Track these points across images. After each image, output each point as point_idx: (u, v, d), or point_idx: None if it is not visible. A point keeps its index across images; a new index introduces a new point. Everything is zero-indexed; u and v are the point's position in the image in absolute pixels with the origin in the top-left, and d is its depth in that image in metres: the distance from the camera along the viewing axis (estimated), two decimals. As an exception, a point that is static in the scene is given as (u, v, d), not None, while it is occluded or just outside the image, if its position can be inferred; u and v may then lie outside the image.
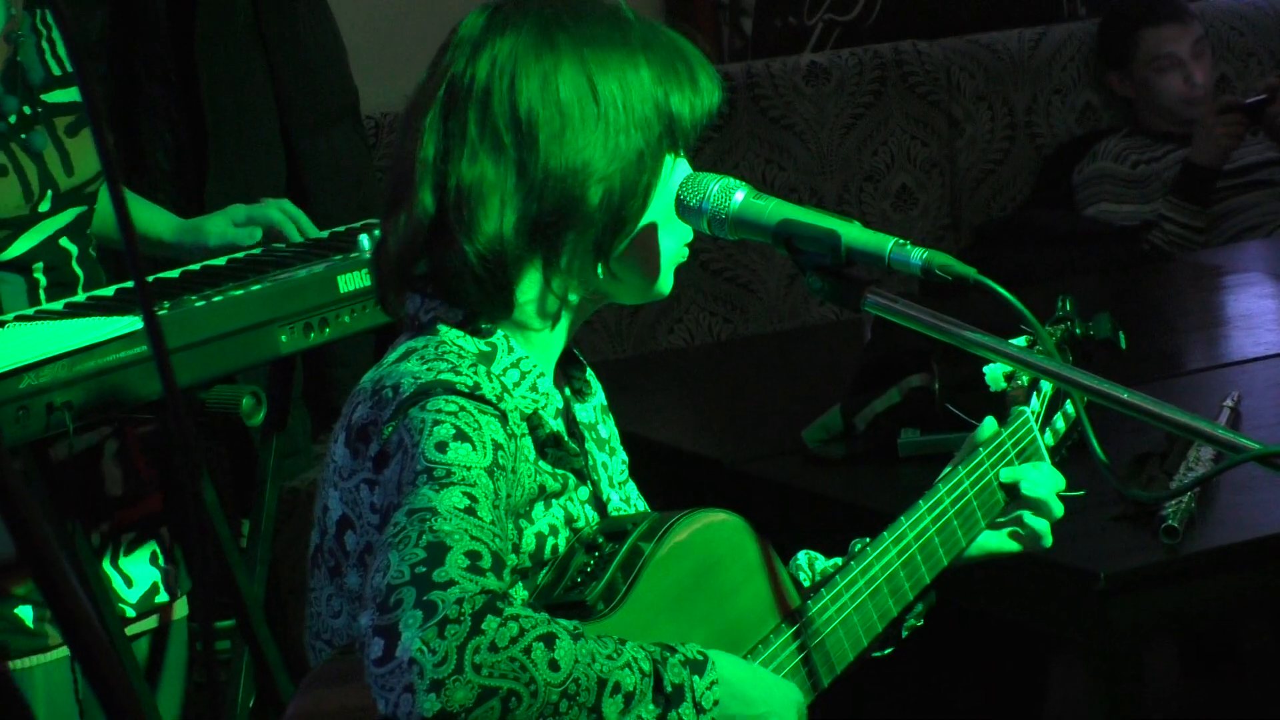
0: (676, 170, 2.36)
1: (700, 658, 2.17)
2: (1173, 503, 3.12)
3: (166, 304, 2.84)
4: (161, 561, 3.23)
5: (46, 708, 3.06)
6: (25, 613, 3.01)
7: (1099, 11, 5.84)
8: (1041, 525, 2.57)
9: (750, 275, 5.27)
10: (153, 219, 3.25)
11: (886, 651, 2.53)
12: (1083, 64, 5.73)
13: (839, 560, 2.53)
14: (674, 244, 2.39)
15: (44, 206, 3.03)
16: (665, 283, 2.40)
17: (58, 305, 2.90)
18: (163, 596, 3.22)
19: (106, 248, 3.29)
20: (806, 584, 2.54)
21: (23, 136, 3.02)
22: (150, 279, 3.04)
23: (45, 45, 3.10)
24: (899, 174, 5.57)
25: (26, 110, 3.03)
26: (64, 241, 3.07)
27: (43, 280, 3.01)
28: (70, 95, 3.10)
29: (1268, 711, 4.43)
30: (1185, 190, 5.30)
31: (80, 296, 2.93)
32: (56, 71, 3.10)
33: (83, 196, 3.10)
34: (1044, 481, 2.56)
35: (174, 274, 3.10)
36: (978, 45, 5.70)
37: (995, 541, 2.58)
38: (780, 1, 5.61)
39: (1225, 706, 4.44)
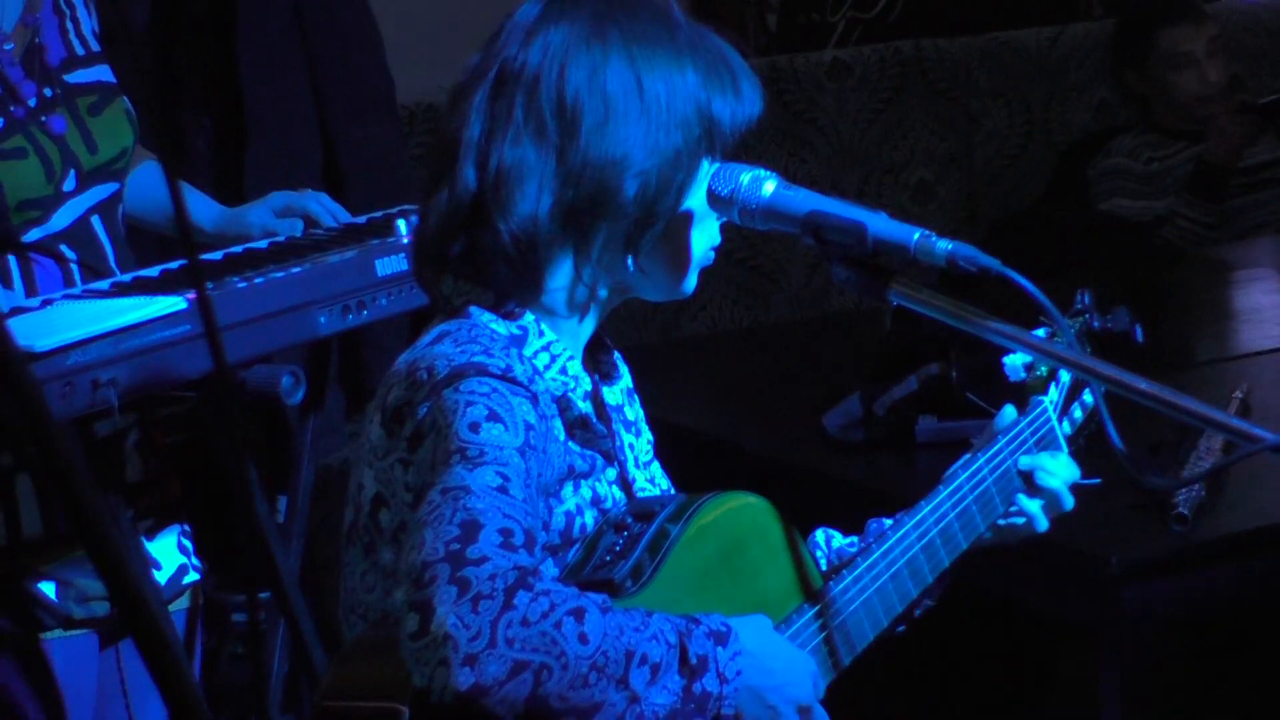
0: (709, 171, 2.36)
1: (724, 629, 2.18)
2: (1184, 491, 3.12)
3: (209, 285, 2.84)
4: (187, 544, 3.23)
5: (65, 682, 3.07)
6: (49, 589, 3.01)
7: (1115, 11, 5.84)
8: (1039, 515, 2.58)
9: (773, 264, 5.28)
10: (195, 207, 3.26)
11: (899, 630, 2.53)
12: (1099, 62, 5.73)
13: (855, 539, 2.53)
14: (702, 245, 2.39)
15: (68, 186, 3.02)
16: (690, 282, 2.40)
17: (104, 285, 2.90)
18: (191, 576, 3.22)
19: (138, 228, 3.29)
20: (823, 561, 2.54)
21: (43, 119, 3.02)
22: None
23: (69, 25, 3.10)
24: (918, 168, 5.58)
25: (47, 93, 3.03)
26: (95, 221, 3.07)
27: (75, 264, 3.01)
28: (92, 75, 3.10)
29: (1258, 685, 4.42)
30: (1198, 187, 5.29)
31: (126, 277, 2.93)
32: (80, 52, 3.09)
33: (110, 174, 3.09)
34: (1060, 471, 2.57)
35: (217, 256, 3.11)
36: (996, 43, 5.71)
37: (1010, 527, 2.58)
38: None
39: (1235, 694, 4.43)
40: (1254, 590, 3.28)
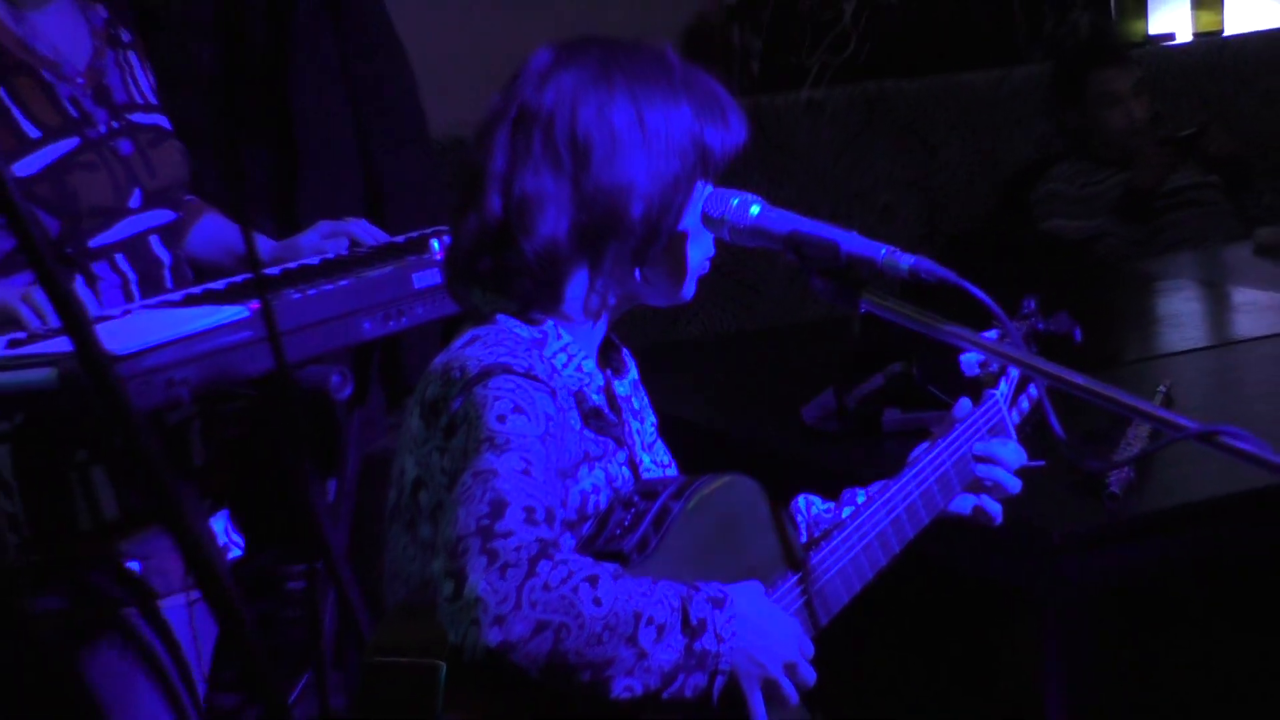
0: (703, 194, 2.36)
1: (721, 595, 2.18)
2: (1116, 473, 3.13)
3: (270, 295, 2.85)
4: (231, 526, 3.23)
5: (160, 645, 3.07)
6: (134, 564, 3.02)
7: (1053, 56, 5.83)
8: (994, 506, 2.59)
9: (756, 277, 5.28)
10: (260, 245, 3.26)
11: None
12: (1039, 100, 5.73)
13: (831, 505, 2.55)
14: (699, 257, 2.39)
15: (134, 203, 3.03)
16: (689, 289, 2.41)
17: (177, 296, 2.91)
18: (234, 554, 3.22)
19: (209, 269, 3.29)
20: (801, 524, 2.55)
21: (112, 143, 3.02)
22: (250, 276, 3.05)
23: (129, 79, 3.10)
24: (882, 192, 5.57)
25: (114, 124, 3.04)
26: (154, 240, 3.07)
27: (134, 281, 3.00)
28: (151, 119, 3.12)
29: (1201, 660, 4.42)
30: (1126, 209, 5.30)
31: (196, 289, 2.93)
32: (139, 100, 3.10)
33: (168, 200, 3.10)
34: (1009, 458, 2.57)
35: (275, 271, 3.11)
36: (950, 83, 5.70)
37: (965, 507, 2.59)
38: (782, 45, 5.62)
39: (1162, 651, 4.43)
40: (1178, 559, 3.29)
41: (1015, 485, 2.58)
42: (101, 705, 3.06)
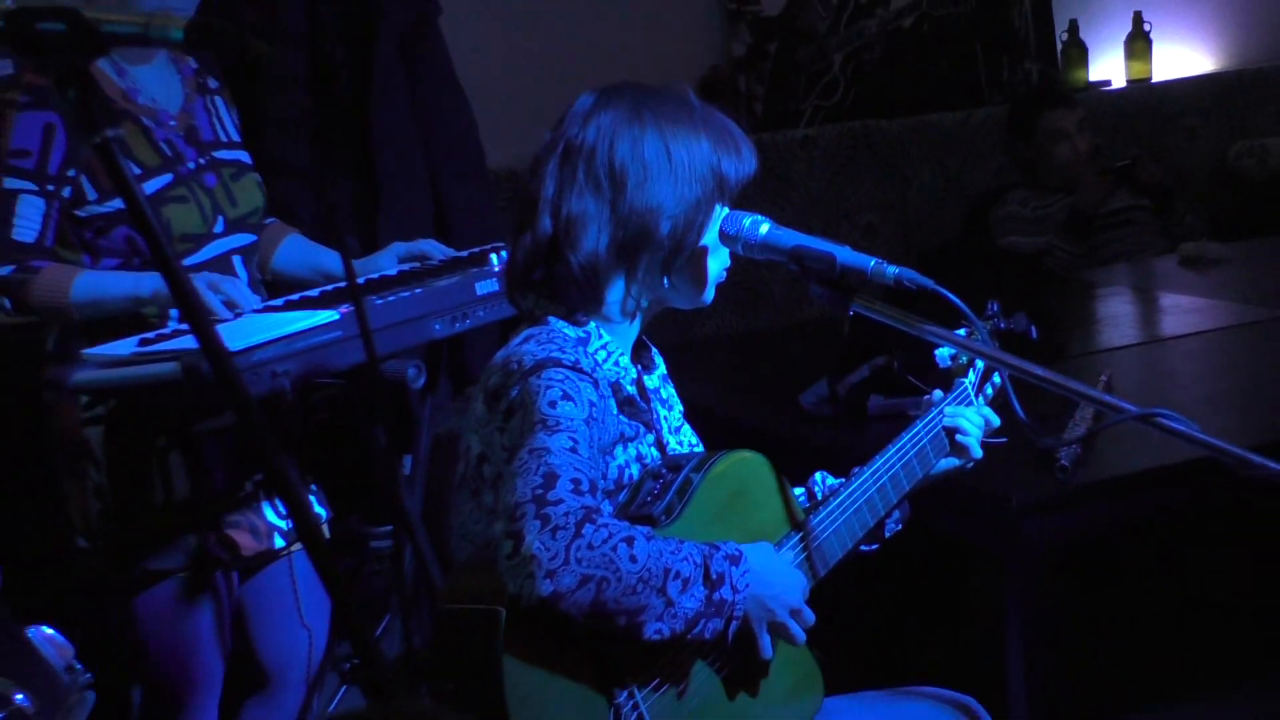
0: (721, 214, 2.36)
1: (737, 553, 2.17)
2: (1066, 449, 3.11)
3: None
4: (315, 499, 3.22)
5: (211, 609, 3.07)
6: (194, 539, 3.00)
7: (1009, 99, 5.81)
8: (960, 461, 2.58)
9: (760, 284, 5.27)
10: (338, 262, 3.24)
11: (873, 547, 2.52)
12: (997, 136, 5.71)
13: (841, 480, 2.52)
14: (717, 267, 2.39)
15: (218, 228, 3.02)
16: (709, 295, 2.40)
17: (279, 302, 2.90)
18: (325, 518, 3.22)
19: (295, 284, 3.28)
20: (819, 493, 2.54)
21: (200, 177, 3.02)
22: (343, 287, 3.04)
23: (215, 121, 3.10)
24: (865, 214, 5.55)
25: (202, 160, 3.03)
26: (236, 260, 3.06)
27: None
28: (234, 154, 3.10)
29: (1119, 602, 4.41)
30: (1071, 228, 5.28)
31: (295, 296, 2.93)
32: (224, 138, 3.09)
33: (247, 225, 3.09)
34: (975, 420, 2.56)
35: (361, 281, 3.10)
36: (923, 123, 5.68)
37: (941, 469, 2.57)
38: (781, 92, 5.61)
39: (1106, 600, 4.42)
40: (1119, 521, 3.26)
41: (979, 452, 2.56)
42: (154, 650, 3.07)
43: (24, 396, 2.82)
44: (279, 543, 3.08)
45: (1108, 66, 6.17)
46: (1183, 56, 6.27)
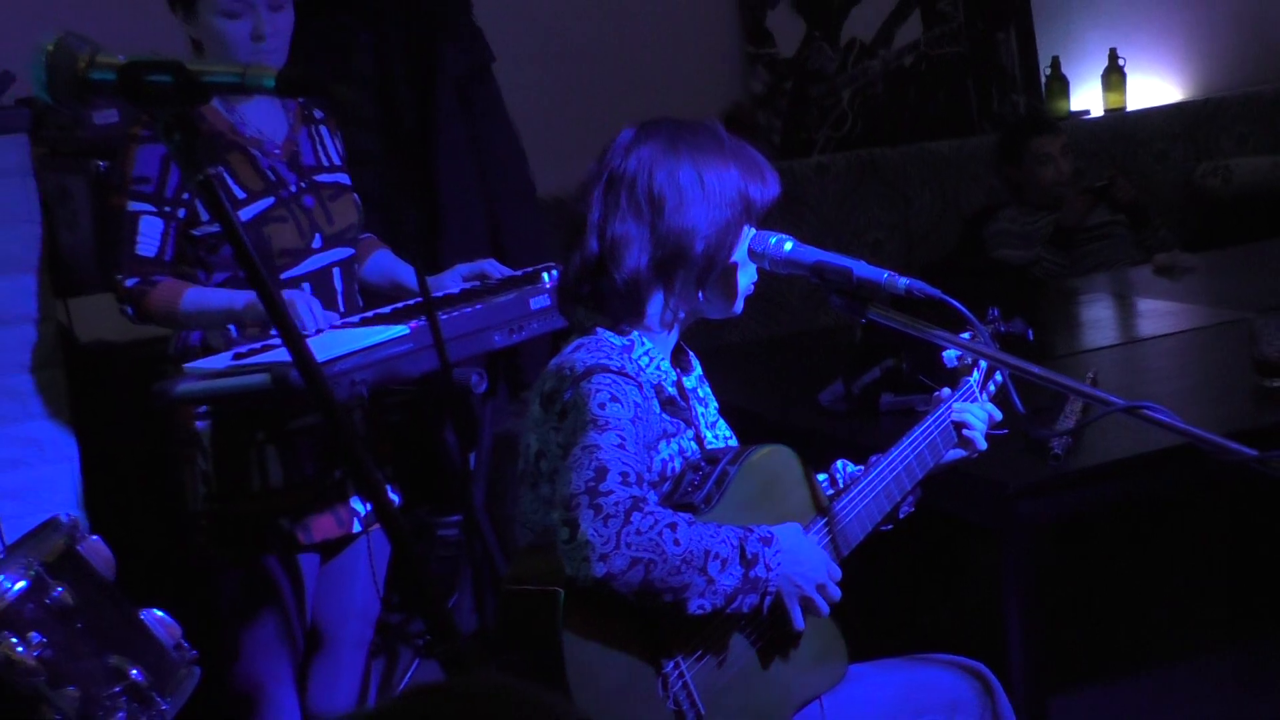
0: (749, 234, 2.34)
1: (769, 535, 2.16)
2: (1058, 438, 3.09)
3: (423, 318, 2.84)
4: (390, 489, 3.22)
5: (290, 587, 3.06)
6: (284, 522, 3.01)
7: (999, 128, 5.79)
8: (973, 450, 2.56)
9: (780, 295, 5.26)
10: (411, 276, 3.24)
11: (888, 528, 2.50)
12: (988, 161, 5.68)
13: (861, 468, 2.51)
14: (746, 282, 2.37)
15: (316, 244, 3.03)
16: (739, 306, 2.39)
17: (355, 319, 2.90)
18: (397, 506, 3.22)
19: (373, 291, 3.29)
20: (840, 481, 2.52)
21: (299, 200, 3.03)
22: (411, 304, 3.03)
23: (318, 147, 3.10)
24: (873, 232, 5.53)
25: (303, 184, 3.04)
26: (335, 273, 3.07)
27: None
28: (333, 178, 3.11)
29: (1107, 574, 4.39)
30: (1056, 242, 5.25)
31: (370, 313, 2.93)
32: (325, 163, 3.10)
33: (344, 240, 3.09)
34: (980, 415, 2.53)
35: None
36: (922, 150, 5.66)
37: (950, 459, 2.56)
38: (796, 124, 5.59)
39: (1093, 576, 4.40)
40: (1105, 503, 3.25)
41: (984, 444, 2.55)
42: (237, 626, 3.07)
43: (151, 397, 2.85)
44: (357, 528, 3.08)
45: (1087, 97, 6.14)
46: (1154, 87, 6.24)
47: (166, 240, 2.91)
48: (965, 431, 2.52)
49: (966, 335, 2.44)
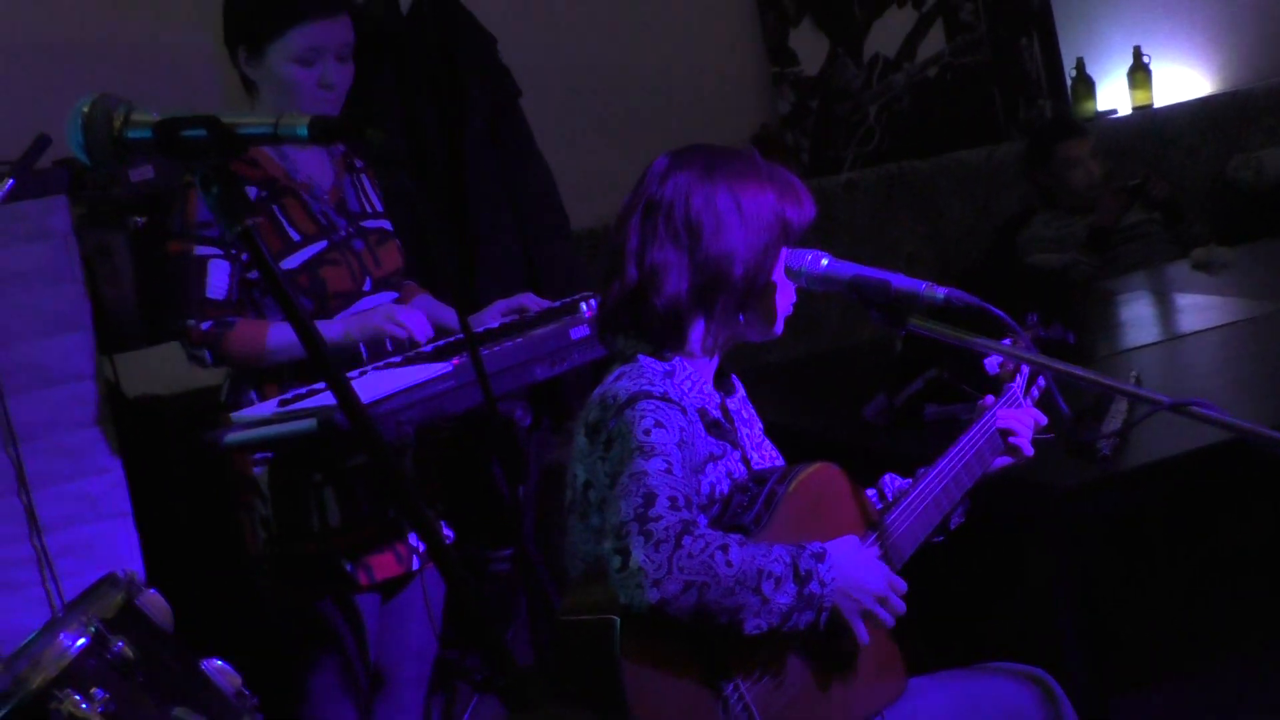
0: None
1: (821, 550, 2.15)
2: (1105, 440, 3.08)
3: (466, 354, 2.84)
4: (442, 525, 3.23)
5: (351, 629, 3.07)
6: (345, 563, 3.01)
7: (1027, 134, 5.77)
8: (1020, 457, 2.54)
9: (818, 312, 5.25)
10: (448, 317, 3.25)
11: (939, 539, 2.49)
12: (1018, 167, 5.66)
13: (908, 480, 2.50)
14: (785, 302, 2.37)
15: (366, 287, 3.04)
16: (779, 327, 2.39)
17: (398, 359, 2.91)
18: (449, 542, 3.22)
19: None
20: (889, 494, 2.51)
21: (350, 243, 3.05)
22: (452, 341, 3.04)
23: (360, 195, 3.12)
24: (906, 244, 5.52)
25: (351, 229, 3.06)
26: None
27: (361, 344, 3.00)
28: (377, 223, 3.13)
29: (1161, 573, 4.36)
30: (1091, 244, 5.23)
31: (411, 352, 2.94)
32: (369, 210, 3.12)
33: (390, 284, 3.11)
34: (1026, 421, 2.51)
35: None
36: (951, 160, 5.64)
37: (997, 467, 2.54)
38: (824, 142, 5.59)
39: (1141, 571, 4.37)
40: (1156, 502, 3.22)
41: (1030, 450, 2.53)
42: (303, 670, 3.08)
43: (202, 447, 2.87)
44: (416, 564, 3.09)
45: (1113, 97, 6.12)
46: (1180, 83, 6.21)
47: (233, 282, 2.93)
48: (1011, 439, 2.51)
49: (1007, 342, 2.43)
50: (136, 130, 1.50)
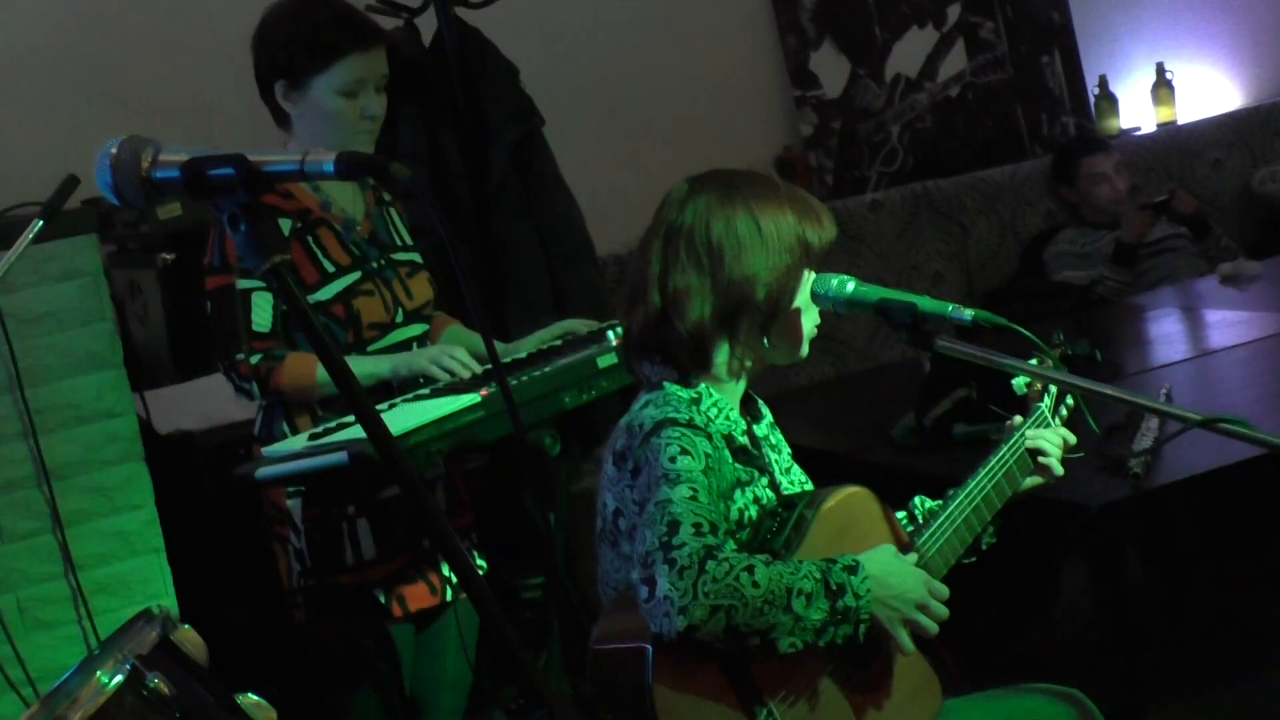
0: (809, 278, 2.34)
1: (854, 563, 2.15)
2: (1136, 457, 3.08)
3: (493, 384, 2.85)
4: (475, 555, 3.22)
5: (387, 660, 3.07)
6: (380, 594, 3.02)
7: (1051, 151, 5.77)
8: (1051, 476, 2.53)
9: (843, 334, 5.24)
10: (481, 346, 3.23)
11: (971, 560, 2.48)
12: (1043, 184, 5.65)
13: (939, 502, 2.49)
14: (810, 324, 2.36)
15: (399, 319, 3.06)
16: (805, 350, 2.38)
17: (426, 390, 2.92)
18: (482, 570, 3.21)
19: None
20: (920, 517, 2.50)
21: (383, 274, 3.06)
22: (485, 370, 3.06)
23: (390, 227, 3.14)
24: (932, 263, 5.51)
25: (383, 260, 3.07)
26: (414, 346, 3.09)
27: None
28: (408, 256, 3.14)
29: (1197, 589, 4.34)
30: (1118, 259, 5.23)
31: (440, 383, 2.95)
32: (398, 242, 3.13)
33: (421, 316, 3.12)
34: (1055, 441, 2.50)
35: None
36: (976, 179, 5.64)
37: (1027, 487, 2.53)
38: (848, 162, 5.59)
39: (1175, 587, 4.34)
40: (1184, 519, 3.21)
41: (1060, 470, 2.52)
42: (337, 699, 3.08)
43: (234, 481, 2.89)
44: (450, 595, 3.09)
45: (1137, 114, 6.11)
46: (1204, 98, 6.20)
47: (277, 314, 2.94)
48: (1041, 458, 2.50)
49: (1034, 360, 2.43)
50: (164, 170, 1.52)
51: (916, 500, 2.54)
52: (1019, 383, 2.54)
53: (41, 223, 3.13)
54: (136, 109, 4.40)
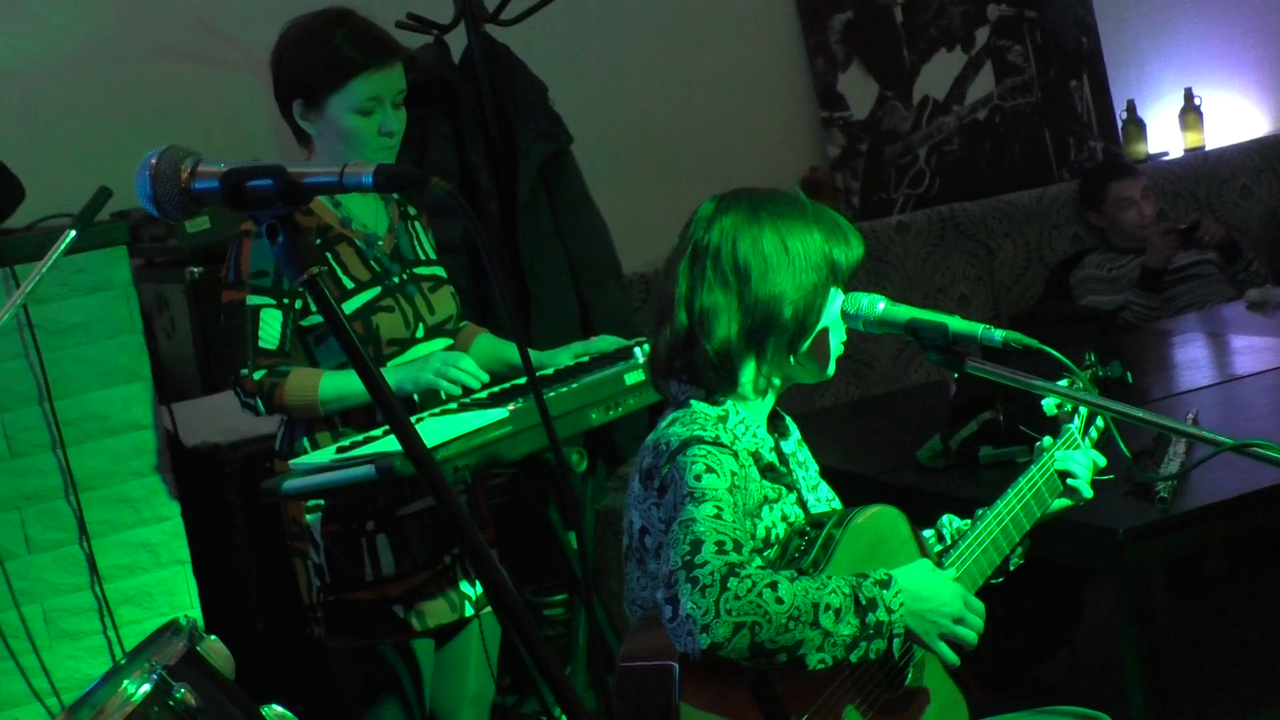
0: (836, 296, 2.34)
1: (885, 577, 2.15)
2: (1163, 481, 3.07)
3: (520, 400, 2.86)
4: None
5: (408, 674, 3.08)
6: (399, 609, 3.02)
7: (1078, 175, 5.76)
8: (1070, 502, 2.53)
9: (869, 355, 5.24)
10: (513, 355, 3.24)
11: (999, 580, 2.48)
12: (1070, 209, 5.65)
13: (968, 521, 2.48)
14: (837, 343, 2.36)
15: (419, 334, 3.06)
16: (832, 369, 2.38)
17: (454, 405, 2.92)
18: None
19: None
20: (948, 537, 2.50)
21: (404, 289, 3.06)
22: (507, 387, 3.06)
23: (414, 242, 3.15)
24: (958, 286, 5.50)
25: (405, 275, 3.08)
26: None
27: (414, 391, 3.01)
28: (431, 270, 3.14)
29: (1224, 615, 4.32)
30: (1144, 284, 5.21)
31: (467, 399, 2.95)
32: (422, 257, 3.14)
33: (443, 331, 3.13)
34: (1085, 463, 2.50)
35: (523, 380, 3.11)
36: (1002, 202, 5.63)
37: (1055, 509, 2.53)
38: (875, 184, 5.59)
39: (1200, 611, 4.33)
40: (1216, 543, 3.20)
41: (1089, 492, 2.52)
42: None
43: (259, 495, 2.90)
44: (469, 611, 3.09)
45: (1164, 139, 6.10)
46: (1232, 124, 6.19)
47: (285, 331, 2.95)
48: (1070, 480, 2.50)
49: (1064, 382, 2.43)
50: (203, 181, 1.53)
51: (945, 519, 2.54)
52: (1049, 404, 2.53)
53: (74, 233, 3.15)
54: (169, 122, 4.42)
